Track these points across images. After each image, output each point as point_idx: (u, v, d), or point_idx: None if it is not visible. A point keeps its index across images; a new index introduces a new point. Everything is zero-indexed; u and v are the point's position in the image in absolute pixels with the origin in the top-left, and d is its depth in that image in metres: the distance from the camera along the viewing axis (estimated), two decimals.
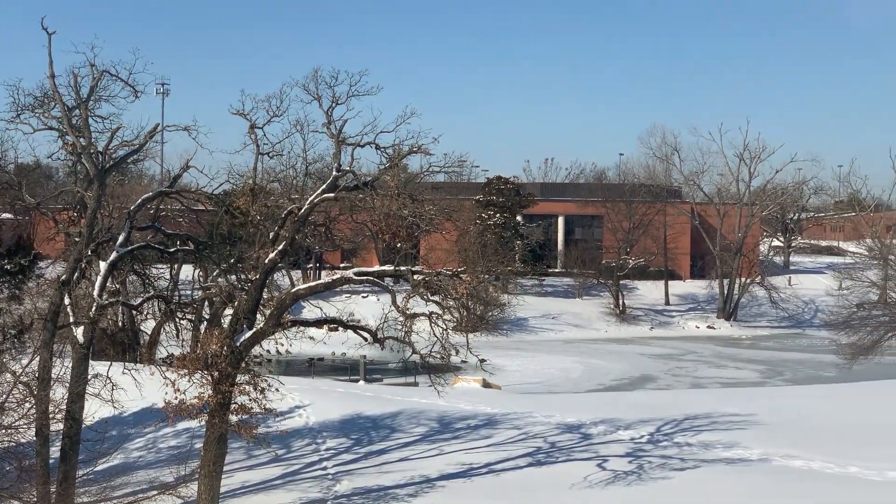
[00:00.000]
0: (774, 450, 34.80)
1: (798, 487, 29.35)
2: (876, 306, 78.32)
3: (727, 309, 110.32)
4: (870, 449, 34.78)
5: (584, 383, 70.03)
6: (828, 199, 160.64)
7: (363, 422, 40.20)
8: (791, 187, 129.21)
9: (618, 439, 36.96)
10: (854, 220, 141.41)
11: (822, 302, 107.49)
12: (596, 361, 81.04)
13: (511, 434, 37.96)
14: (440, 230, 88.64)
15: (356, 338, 27.74)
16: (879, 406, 45.31)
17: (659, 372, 76.72)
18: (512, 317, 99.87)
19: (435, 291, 26.28)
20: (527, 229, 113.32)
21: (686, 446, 35.64)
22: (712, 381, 72.11)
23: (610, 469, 31.49)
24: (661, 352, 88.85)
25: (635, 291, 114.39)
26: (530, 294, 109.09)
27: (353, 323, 27.63)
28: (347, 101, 28.25)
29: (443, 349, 26.01)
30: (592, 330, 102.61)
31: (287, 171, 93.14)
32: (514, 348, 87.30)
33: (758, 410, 43.35)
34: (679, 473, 31.15)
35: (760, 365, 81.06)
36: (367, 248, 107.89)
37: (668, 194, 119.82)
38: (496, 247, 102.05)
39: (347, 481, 30.69)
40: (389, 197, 27.13)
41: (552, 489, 29.42)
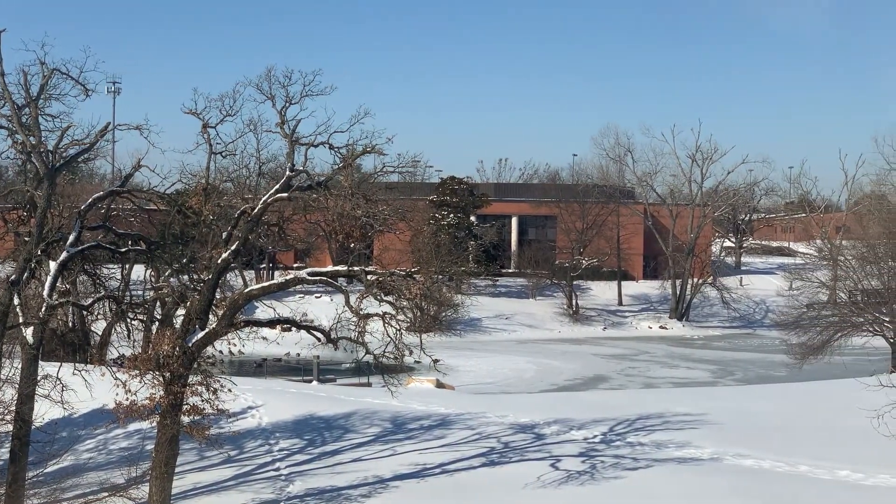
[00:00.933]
0: (726, 449, 35.05)
1: (749, 486, 29.56)
2: (825, 307, 79.14)
3: (679, 309, 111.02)
4: (819, 448, 35.12)
5: (538, 383, 70.19)
6: (778, 201, 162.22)
7: (316, 422, 40.07)
8: (742, 188, 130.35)
9: (571, 439, 37.07)
10: (804, 221, 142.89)
11: (772, 302, 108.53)
12: (549, 361, 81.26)
13: (464, 434, 37.96)
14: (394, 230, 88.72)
15: (309, 338, 27.64)
16: (829, 406, 45.75)
17: (612, 372, 77.05)
18: (465, 317, 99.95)
19: (388, 292, 26.24)
20: (480, 230, 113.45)
21: (639, 446, 35.81)
22: (665, 380, 72.52)
23: (563, 469, 31.57)
24: (614, 352, 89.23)
25: (589, 292, 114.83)
26: (484, 294, 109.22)
27: (306, 323, 27.53)
28: (301, 100, 28.16)
29: (396, 349, 25.99)
30: (546, 330, 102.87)
31: (240, 171, 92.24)
32: (467, 349, 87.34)
33: (709, 410, 43.65)
34: (631, 473, 31.28)
35: (712, 365, 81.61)
36: (321, 248, 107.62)
37: (622, 195, 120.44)
38: (450, 247, 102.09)
39: (300, 482, 30.58)
40: (343, 197, 27.08)
41: (506, 489, 29.45)
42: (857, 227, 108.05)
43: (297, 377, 66.45)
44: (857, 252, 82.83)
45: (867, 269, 75.65)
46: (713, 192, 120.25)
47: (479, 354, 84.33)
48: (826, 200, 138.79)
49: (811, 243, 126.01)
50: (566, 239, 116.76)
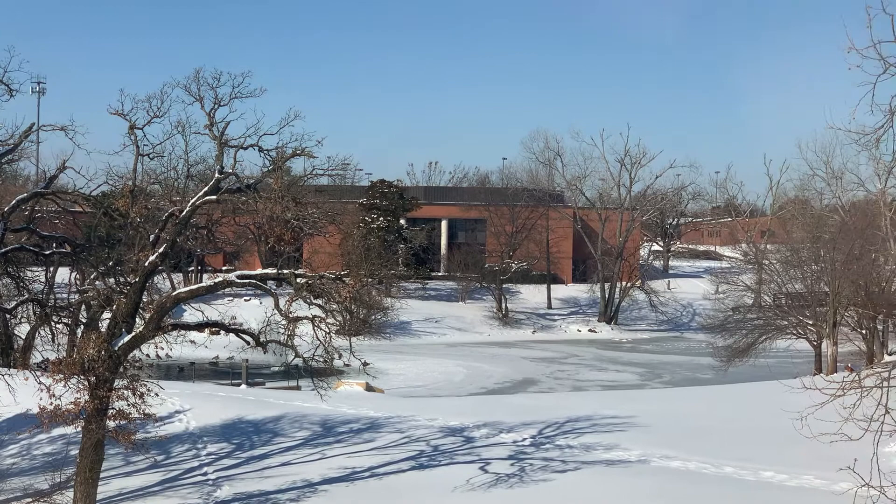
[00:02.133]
0: (653, 451, 35.33)
1: (676, 487, 29.83)
2: (751, 310, 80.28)
3: (608, 312, 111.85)
4: (744, 449, 35.53)
5: (467, 386, 70.34)
6: (705, 205, 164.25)
7: (245, 426, 39.77)
8: (670, 193, 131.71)
9: (500, 442, 37.15)
10: (730, 225, 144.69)
11: (699, 305, 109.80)
12: (479, 365, 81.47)
13: (394, 437, 37.92)
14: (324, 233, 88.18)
15: (238, 341, 27.41)
16: (754, 408, 46.30)
17: (541, 375, 77.42)
18: (395, 320, 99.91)
19: (318, 295, 26.11)
20: (410, 233, 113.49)
21: (567, 448, 35.97)
22: (593, 383, 73.02)
23: (492, 472, 31.63)
24: (543, 355, 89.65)
25: (518, 295, 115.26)
26: (414, 298, 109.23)
27: (234, 326, 27.33)
28: (230, 102, 27.93)
29: (326, 353, 25.86)
30: (475, 333, 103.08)
31: (168, 173, 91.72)
32: (397, 352, 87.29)
33: (637, 412, 43.98)
34: (560, 475, 31.42)
35: (640, 368, 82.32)
36: (250, 251, 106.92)
37: (551, 199, 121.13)
38: (380, 250, 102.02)
39: (228, 487, 30.32)
40: (273, 200, 26.87)
41: (435, 492, 29.44)
42: (782, 232, 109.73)
43: (225, 381, 65.99)
44: (781, 256, 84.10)
45: (791, 273, 76.84)
46: (642, 197, 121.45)
47: (408, 357, 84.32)
48: (751, 205, 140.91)
49: (737, 247, 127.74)
50: (496, 242, 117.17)
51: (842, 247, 70.24)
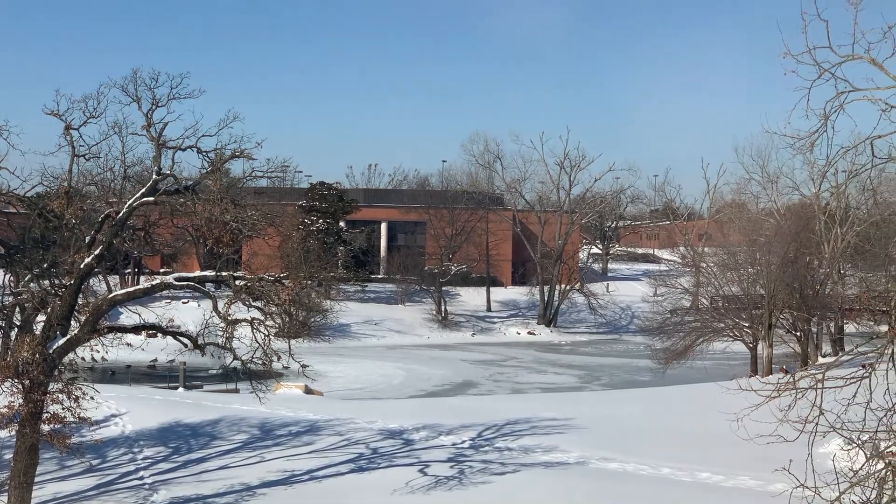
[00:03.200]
0: (591, 453, 35.53)
1: (614, 489, 30.02)
2: (688, 312, 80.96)
3: (547, 315, 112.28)
4: (681, 451, 35.84)
5: (407, 389, 70.31)
6: (644, 208, 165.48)
7: (182, 430, 39.46)
8: (609, 196, 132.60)
9: (440, 444, 37.17)
10: (668, 228, 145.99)
11: (638, 308, 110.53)
12: (418, 367, 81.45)
13: (333, 440, 37.81)
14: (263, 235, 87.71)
15: (176, 344, 27.23)
16: (691, 409, 46.72)
17: (480, 377, 77.54)
18: (334, 323, 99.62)
19: (257, 297, 25.98)
20: (350, 235, 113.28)
21: (506, 451, 36.07)
22: (533, 386, 73.24)
23: (432, 474, 31.63)
24: (482, 357, 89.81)
25: (458, 298, 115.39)
26: (353, 300, 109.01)
27: (172, 329, 27.13)
28: (168, 103, 27.71)
29: (265, 355, 25.72)
30: (415, 336, 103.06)
31: (105, 174, 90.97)
32: (336, 354, 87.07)
33: (576, 415, 44.21)
34: (499, 477, 31.49)
35: (579, 370, 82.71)
36: (188, 252, 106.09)
37: (491, 201, 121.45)
38: (319, 252, 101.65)
39: (165, 491, 30.05)
40: (211, 201, 26.68)
41: (374, 495, 29.39)
42: (719, 235, 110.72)
43: (162, 384, 65.40)
44: (718, 259, 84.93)
45: (728, 276, 77.63)
46: (581, 200, 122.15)
47: (348, 360, 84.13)
48: (689, 208, 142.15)
49: (675, 250, 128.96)
50: (435, 245, 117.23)
51: (777, 250, 71.11)
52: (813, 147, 15.75)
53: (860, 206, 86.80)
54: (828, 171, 59.11)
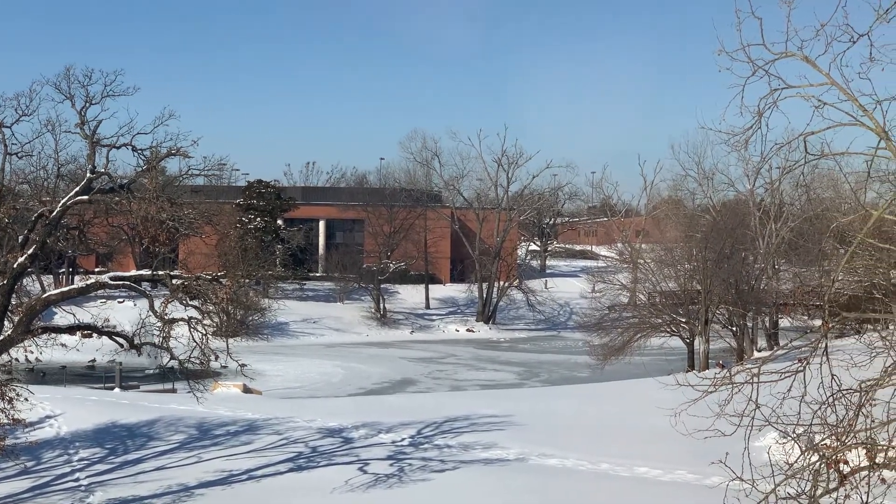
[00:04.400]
0: (531, 449, 35.65)
1: (553, 485, 30.13)
2: (626, 308, 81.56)
3: (486, 312, 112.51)
4: (620, 446, 36.07)
5: (346, 387, 70.14)
6: (582, 205, 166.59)
7: (118, 430, 39.06)
8: (547, 193, 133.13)
9: (379, 442, 37.12)
10: (606, 225, 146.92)
11: (576, 304, 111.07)
12: (357, 365, 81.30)
13: (272, 439, 37.61)
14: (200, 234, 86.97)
15: (112, 344, 26.97)
16: (629, 405, 47.04)
17: (419, 375, 77.54)
18: (273, 321, 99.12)
19: (194, 296, 25.82)
20: (288, 233, 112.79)
21: (446, 448, 36.09)
22: (472, 383, 73.37)
23: (371, 472, 31.57)
24: (421, 355, 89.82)
25: (396, 295, 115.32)
26: (291, 298, 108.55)
27: (108, 329, 26.86)
28: (102, 101, 27.45)
29: (202, 355, 25.55)
30: (354, 334, 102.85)
31: (38, 173, 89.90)
32: (274, 353, 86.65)
33: (515, 411, 44.34)
34: (439, 475, 31.50)
35: (518, 367, 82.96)
36: (124, 252, 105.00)
37: (429, 199, 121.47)
38: (257, 251, 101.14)
39: (101, 492, 29.71)
40: (147, 200, 26.46)
41: (313, 494, 29.27)
42: (656, 231, 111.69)
43: (98, 385, 64.70)
44: (655, 255, 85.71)
45: (665, 272, 78.29)
46: (519, 197, 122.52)
47: (286, 359, 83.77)
48: (626, 205, 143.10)
49: (612, 247, 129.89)
50: (374, 242, 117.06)
51: (713, 246, 71.84)
52: (747, 144, 15.88)
53: (794, 202, 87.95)
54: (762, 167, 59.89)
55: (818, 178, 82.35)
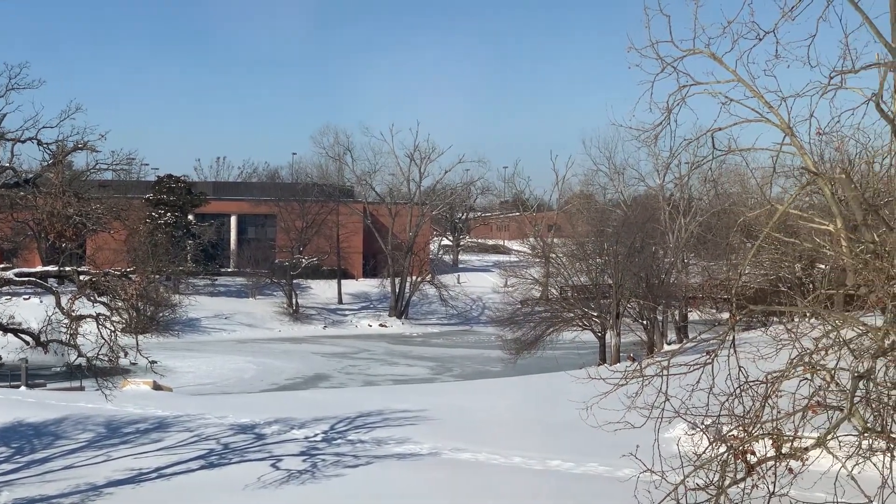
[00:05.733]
0: (444, 443, 35.72)
1: (466, 479, 30.23)
2: (538, 303, 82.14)
3: (399, 307, 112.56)
4: (532, 439, 36.29)
5: (258, 383, 69.72)
6: (494, 200, 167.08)
7: (24, 429, 38.37)
8: (459, 188, 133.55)
9: (292, 438, 36.96)
10: (518, 219, 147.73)
11: (488, 299, 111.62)
12: (269, 361, 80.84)
13: (183, 437, 37.24)
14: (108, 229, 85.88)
15: (17, 342, 26.47)
16: (541, 399, 47.39)
17: (332, 370, 77.36)
18: (183, 317, 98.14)
19: (103, 292, 25.46)
20: (199, 229, 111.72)
21: (359, 443, 36.05)
22: (385, 378, 73.36)
23: (284, 468, 31.41)
24: (334, 350, 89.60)
25: (309, 291, 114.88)
26: (202, 294, 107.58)
27: (13, 326, 26.37)
28: (6, 94, 26.93)
29: (111, 352, 25.21)
30: (266, 329, 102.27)
31: None
32: (185, 349, 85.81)
33: (428, 406, 44.41)
34: (352, 470, 31.44)
35: (431, 361, 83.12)
36: (29, 247, 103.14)
37: (341, 194, 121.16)
38: (167, 246, 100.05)
39: (7, 492, 29.15)
40: (53, 195, 26.03)
41: (225, 491, 29.03)
42: (568, 226, 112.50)
43: (3, 383, 63.49)
44: (567, 250, 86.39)
45: (576, 266, 79.03)
46: (431, 192, 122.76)
47: (197, 355, 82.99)
48: (538, 200, 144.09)
49: (525, 241, 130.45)
50: (286, 238, 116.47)
51: (624, 240, 72.68)
52: (657, 139, 16.10)
53: (702, 197, 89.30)
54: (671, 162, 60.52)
55: (725, 174, 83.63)
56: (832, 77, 14.28)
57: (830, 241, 15.27)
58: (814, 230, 15.66)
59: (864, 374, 13.16)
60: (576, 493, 28.19)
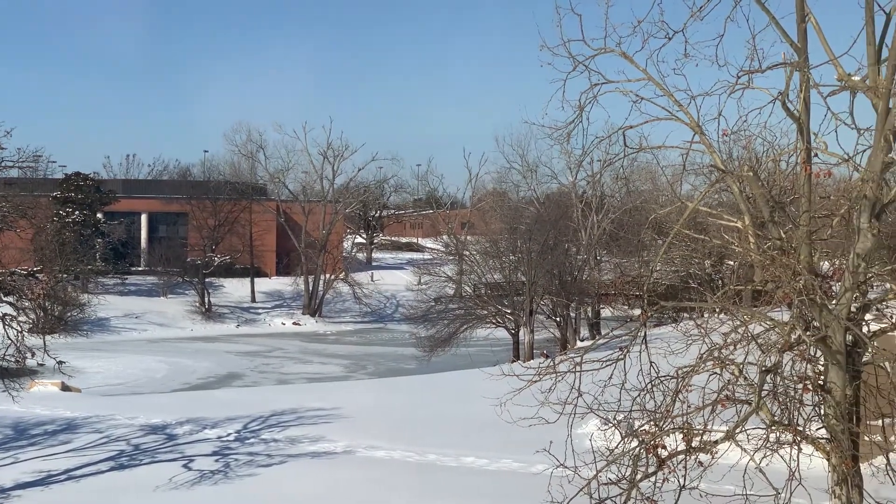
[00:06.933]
0: (358, 441, 35.69)
1: (380, 477, 30.22)
2: (452, 300, 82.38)
3: (312, 305, 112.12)
4: (446, 436, 36.41)
5: (170, 383, 68.93)
6: (407, 197, 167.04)
7: None
8: (373, 185, 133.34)
9: (204, 438, 36.65)
10: (432, 217, 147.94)
11: (402, 297, 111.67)
12: (181, 360, 79.97)
13: (92, 438, 36.74)
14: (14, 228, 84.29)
15: None
16: (455, 396, 47.52)
17: (245, 369, 76.76)
18: (92, 317, 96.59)
19: (9, 292, 25.03)
20: (108, 227, 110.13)
21: (273, 442, 35.88)
22: (298, 376, 72.95)
23: (196, 469, 31.14)
24: (247, 349, 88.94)
25: (222, 289, 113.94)
26: (112, 293, 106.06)
27: None
28: None
29: (17, 352, 24.77)
30: (178, 329, 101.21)
31: None
32: (95, 349, 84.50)
33: (343, 404, 44.33)
34: (266, 469, 31.29)
35: (345, 359, 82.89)
36: None
37: (254, 192, 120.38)
38: (76, 245, 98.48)
39: None
40: None
41: (136, 492, 28.70)
42: (481, 224, 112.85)
43: None
44: (480, 247, 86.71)
45: (490, 264, 79.38)
46: (345, 189, 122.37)
47: (107, 355, 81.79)
48: (452, 197, 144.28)
49: (438, 239, 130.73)
50: (198, 236, 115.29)
51: (537, 238, 73.13)
52: (569, 137, 16.22)
53: (614, 195, 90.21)
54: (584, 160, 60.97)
55: (637, 171, 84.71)
56: (740, 76, 14.52)
57: (739, 237, 15.52)
58: (723, 227, 15.90)
59: (771, 369, 13.40)
60: (490, 490, 28.34)
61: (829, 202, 15.39)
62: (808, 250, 14.03)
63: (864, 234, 13.57)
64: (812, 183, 14.39)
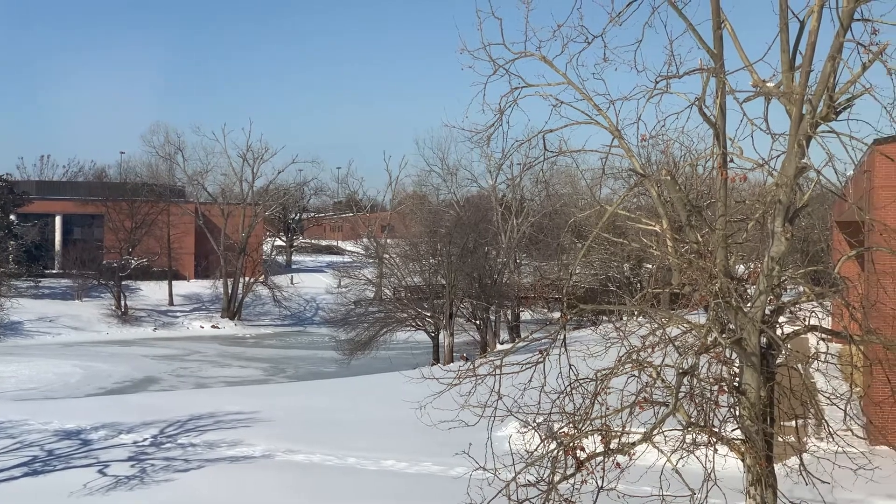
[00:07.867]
0: (277, 445, 35.50)
1: (300, 480, 30.10)
2: (372, 303, 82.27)
3: (231, 308, 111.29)
4: (367, 440, 36.36)
5: (85, 387, 67.86)
6: (327, 200, 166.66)
7: None
8: (293, 188, 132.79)
9: (120, 443, 36.19)
10: (352, 220, 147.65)
11: (322, 300, 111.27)
12: (97, 364, 78.79)
13: (4, 444, 36.10)
14: None
15: None
16: (375, 399, 47.45)
17: (163, 373, 75.85)
18: (5, 321, 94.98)
19: None
20: (21, 229, 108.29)
21: (190, 447, 35.53)
22: (217, 380, 72.28)
23: (111, 474, 30.75)
24: (165, 353, 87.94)
25: (138, 292, 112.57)
26: (25, 296, 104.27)
27: None
28: None
29: None
30: (93, 332, 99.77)
31: None
32: (7, 353, 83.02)
33: (261, 408, 44.06)
34: (183, 474, 30.98)
35: (264, 363, 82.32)
36: None
37: (172, 194, 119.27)
38: None
39: None
40: None
41: (49, 498, 28.25)
42: (401, 226, 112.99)
43: None
44: (400, 250, 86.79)
45: (410, 267, 79.40)
46: (264, 192, 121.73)
47: (20, 359, 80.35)
48: (372, 200, 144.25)
49: (358, 242, 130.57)
50: (114, 238, 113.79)
51: (457, 241, 73.33)
52: (489, 140, 16.25)
53: (534, 198, 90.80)
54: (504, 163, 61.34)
55: (557, 175, 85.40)
56: (658, 81, 14.65)
57: (657, 241, 15.64)
58: (641, 230, 16.02)
59: (688, 371, 13.53)
60: (410, 493, 28.34)
61: (744, 206, 15.57)
62: (723, 254, 14.20)
63: (777, 238, 13.77)
64: (728, 187, 14.56)
